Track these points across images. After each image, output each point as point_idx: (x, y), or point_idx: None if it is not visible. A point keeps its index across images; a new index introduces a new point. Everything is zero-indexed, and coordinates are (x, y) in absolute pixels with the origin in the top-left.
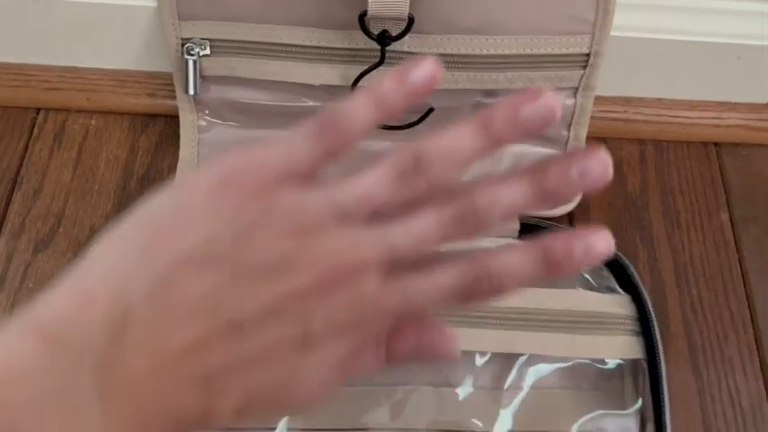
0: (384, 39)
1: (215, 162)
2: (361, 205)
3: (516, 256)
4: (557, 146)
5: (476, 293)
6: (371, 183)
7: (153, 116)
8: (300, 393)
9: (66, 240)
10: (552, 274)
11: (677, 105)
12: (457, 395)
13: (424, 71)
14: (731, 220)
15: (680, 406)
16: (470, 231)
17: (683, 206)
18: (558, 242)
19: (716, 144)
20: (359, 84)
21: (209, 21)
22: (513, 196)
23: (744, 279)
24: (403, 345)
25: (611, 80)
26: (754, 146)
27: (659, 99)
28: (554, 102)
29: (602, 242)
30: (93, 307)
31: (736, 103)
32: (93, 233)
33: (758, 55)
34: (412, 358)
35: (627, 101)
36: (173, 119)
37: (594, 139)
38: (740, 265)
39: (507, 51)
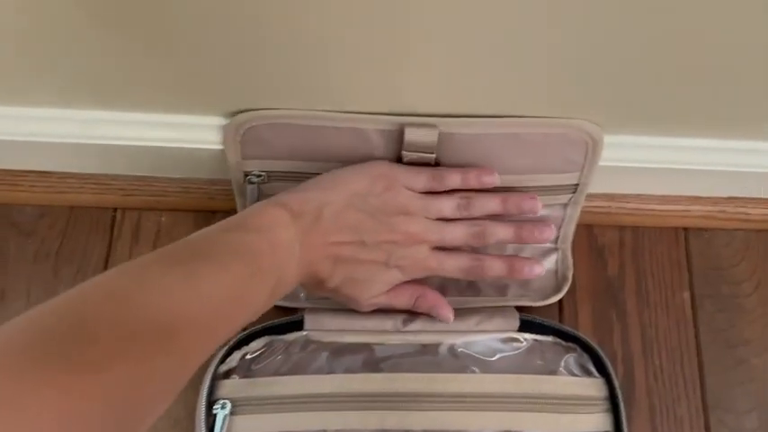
0: None
1: (379, 165)
2: (436, 213)
3: (496, 261)
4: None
5: (474, 272)
6: (444, 204)
7: (213, 212)
8: (368, 293)
9: None
10: (512, 274)
11: (653, 200)
12: None
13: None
14: (692, 298)
15: None
16: (480, 243)
17: (652, 287)
18: (516, 260)
19: (685, 229)
20: None
21: (266, 160)
22: (503, 233)
23: (698, 350)
24: (424, 302)
25: (598, 182)
26: (716, 230)
27: (638, 195)
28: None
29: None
30: (309, 205)
31: (701, 197)
32: None
33: (718, 174)
34: (425, 312)
35: (611, 197)
36: (231, 213)
37: (584, 225)
38: (696, 339)
39: (511, 185)
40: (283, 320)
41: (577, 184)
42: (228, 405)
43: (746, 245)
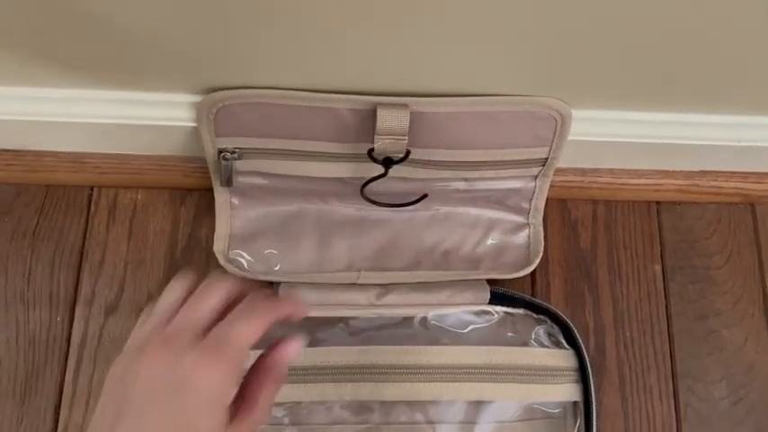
0: (388, 163)
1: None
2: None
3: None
4: (521, 214)
5: None
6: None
7: (189, 190)
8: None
9: (130, 305)
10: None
11: (625, 174)
12: (441, 428)
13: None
14: (663, 271)
15: (608, 424)
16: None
17: (624, 259)
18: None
19: (657, 203)
20: (365, 188)
21: (240, 137)
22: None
23: (668, 321)
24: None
25: (570, 157)
26: (688, 203)
27: (610, 170)
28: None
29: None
30: None
31: (674, 171)
32: (150, 298)
33: (689, 147)
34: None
35: (583, 171)
36: (206, 192)
37: (557, 200)
38: (666, 310)
39: (483, 159)
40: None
41: (547, 158)
42: None
43: (718, 218)
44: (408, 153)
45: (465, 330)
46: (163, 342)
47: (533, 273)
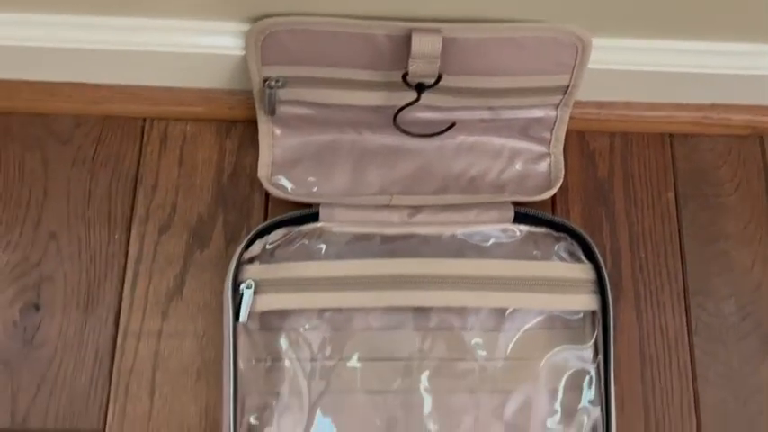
0: (420, 88)
1: None
2: None
3: None
4: (543, 144)
5: None
6: None
7: (233, 122)
8: None
9: (182, 225)
10: None
11: (640, 107)
12: (467, 336)
13: None
14: (676, 198)
15: (624, 339)
16: None
17: (639, 188)
18: None
19: (670, 135)
20: (398, 115)
21: (284, 65)
22: None
23: (680, 244)
24: None
25: (589, 90)
26: (700, 136)
27: (626, 102)
28: None
29: None
30: None
31: (687, 104)
32: (200, 219)
33: (702, 77)
34: None
35: (600, 104)
36: (250, 124)
37: (576, 132)
38: (679, 234)
39: (508, 86)
40: (300, 213)
41: (568, 86)
42: (253, 284)
43: (728, 149)
44: (440, 77)
45: (491, 245)
46: None
47: (553, 201)
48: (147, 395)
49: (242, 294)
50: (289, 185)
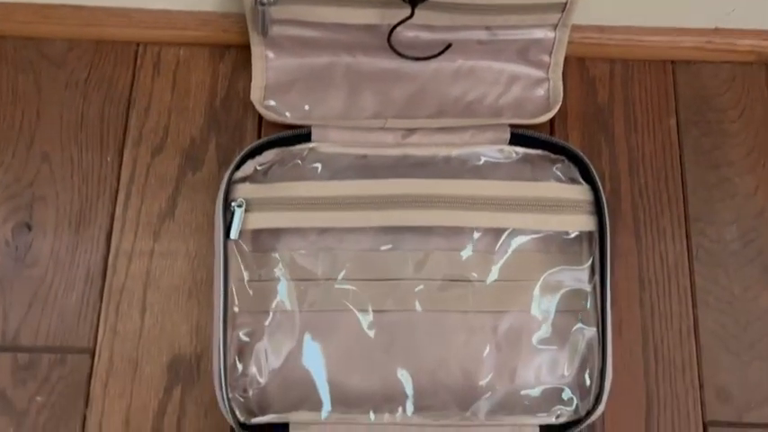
0: (414, 2)
1: None
2: None
3: None
4: (541, 68)
5: None
6: None
7: (227, 46)
8: None
9: (174, 148)
10: None
11: (642, 32)
12: (461, 256)
13: None
14: (677, 124)
15: (622, 263)
16: None
17: (640, 113)
18: None
19: (672, 62)
20: (392, 34)
21: None
22: None
23: (682, 170)
24: None
25: (588, 13)
26: (703, 62)
27: (627, 27)
28: None
29: None
30: None
31: (689, 29)
32: (193, 142)
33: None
34: None
35: (601, 29)
36: (244, 48)
37: (575, 58)
38: (680, 160)
39: (504, 1)
40: (293, 133)
41: (566, 3)
42: (244, 203)
43: (732, 76)
44: None
45: (486, 167)
46: None
47: (552, 127)
48: (137, 314)
49: (233, 212)
50: (282, 109)
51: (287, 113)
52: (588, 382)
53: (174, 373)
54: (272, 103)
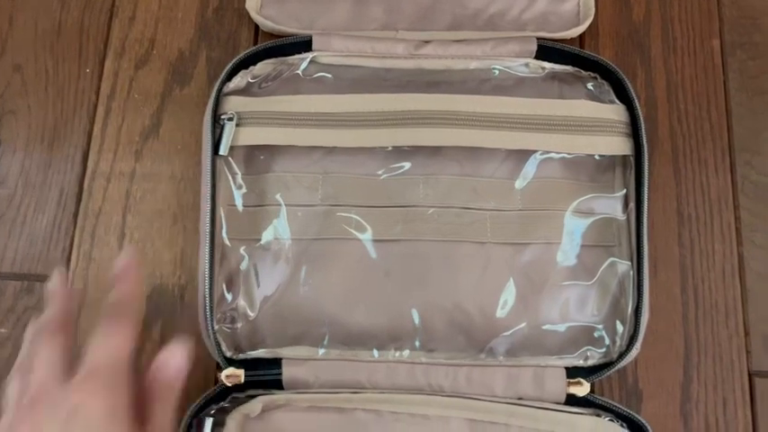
0: None
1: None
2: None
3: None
4: None
5: None
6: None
7: None
8: None
9: (160, 60)
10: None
11: None
12: (479, 182)
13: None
14: (721, 46)
15: (659, 195)
16: None
17: (679, 33)
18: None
19: None
20: None
21: None
22: None
23: (726, 96)
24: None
25: None
26: None
27: None
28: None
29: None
30: None
31: None
32: (181, 54)
33: None
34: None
35: None
36: None
37: None
38: (724, 85)
39: None
40: (291, 40)
41: None
42: (235, 116)
43: None
44: None
45: (509, 82)
46: (33, 401)
47: (581, 45)
48: (115, 240)
49: (223, 126)
50: (280, 18)
51: (286, 23)
52: (620, 322)
53: (153, 305)
54: (270, 11)
